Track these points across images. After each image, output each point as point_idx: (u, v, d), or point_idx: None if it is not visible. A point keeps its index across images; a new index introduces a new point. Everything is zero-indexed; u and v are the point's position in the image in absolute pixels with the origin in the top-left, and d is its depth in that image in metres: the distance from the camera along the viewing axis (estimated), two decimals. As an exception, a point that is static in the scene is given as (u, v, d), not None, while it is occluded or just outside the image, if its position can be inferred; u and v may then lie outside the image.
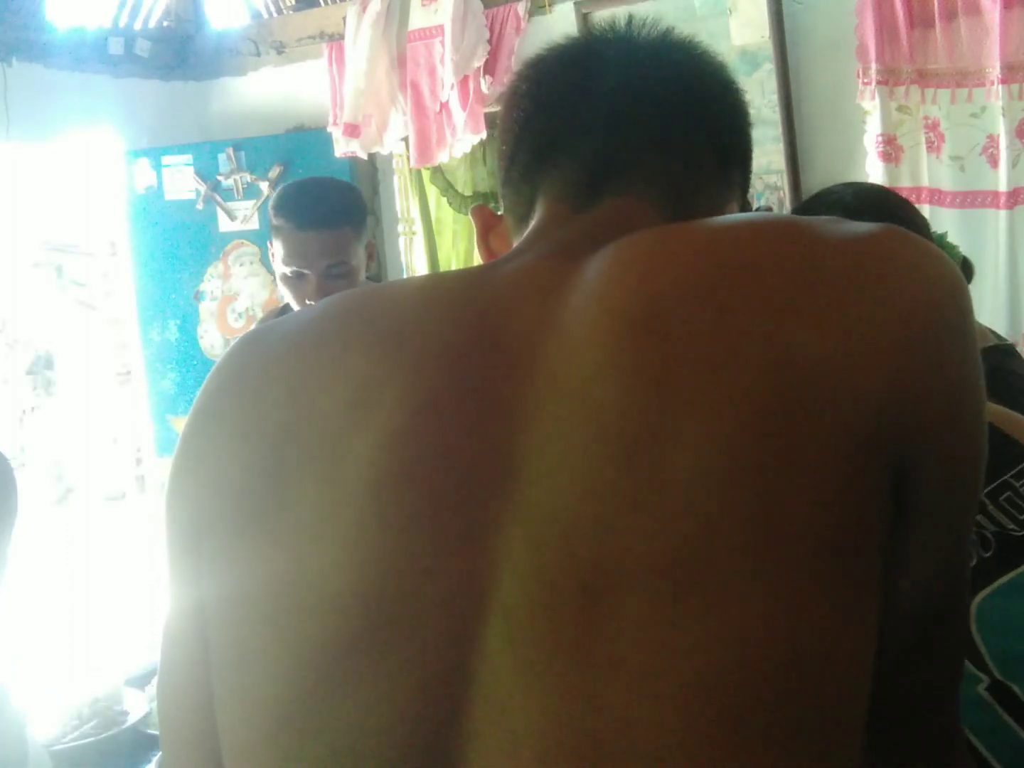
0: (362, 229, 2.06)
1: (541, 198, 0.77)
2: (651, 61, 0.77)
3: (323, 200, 2.03)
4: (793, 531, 0.56)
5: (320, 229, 1.99)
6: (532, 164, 0.78)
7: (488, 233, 0.84)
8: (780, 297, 0.60)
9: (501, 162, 0.81)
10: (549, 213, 0.76)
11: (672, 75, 0.77)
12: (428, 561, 0.60)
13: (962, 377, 0.61)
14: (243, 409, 0.69)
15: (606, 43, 0.79)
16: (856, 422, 0.57)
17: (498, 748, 0.56)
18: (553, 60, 0.80)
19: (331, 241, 1.99)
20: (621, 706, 0.54)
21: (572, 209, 0.75)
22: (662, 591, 0.55)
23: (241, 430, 0.68)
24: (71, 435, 5.59)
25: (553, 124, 0.77)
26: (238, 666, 0.65)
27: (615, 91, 0.76)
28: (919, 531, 0.62)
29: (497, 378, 0.63)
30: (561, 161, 0.76)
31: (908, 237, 0.64)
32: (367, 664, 0.59)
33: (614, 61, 0.78)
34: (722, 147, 0.79)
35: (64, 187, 5.23)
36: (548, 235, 0.74)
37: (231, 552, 0.67)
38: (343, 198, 2.07)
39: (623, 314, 0.61)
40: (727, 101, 0.80)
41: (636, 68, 0.77)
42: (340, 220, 2.01)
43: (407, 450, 0.62)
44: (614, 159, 0.75)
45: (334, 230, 1.99)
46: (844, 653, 0.57)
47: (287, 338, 0.71)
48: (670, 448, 0.57)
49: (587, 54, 0.79)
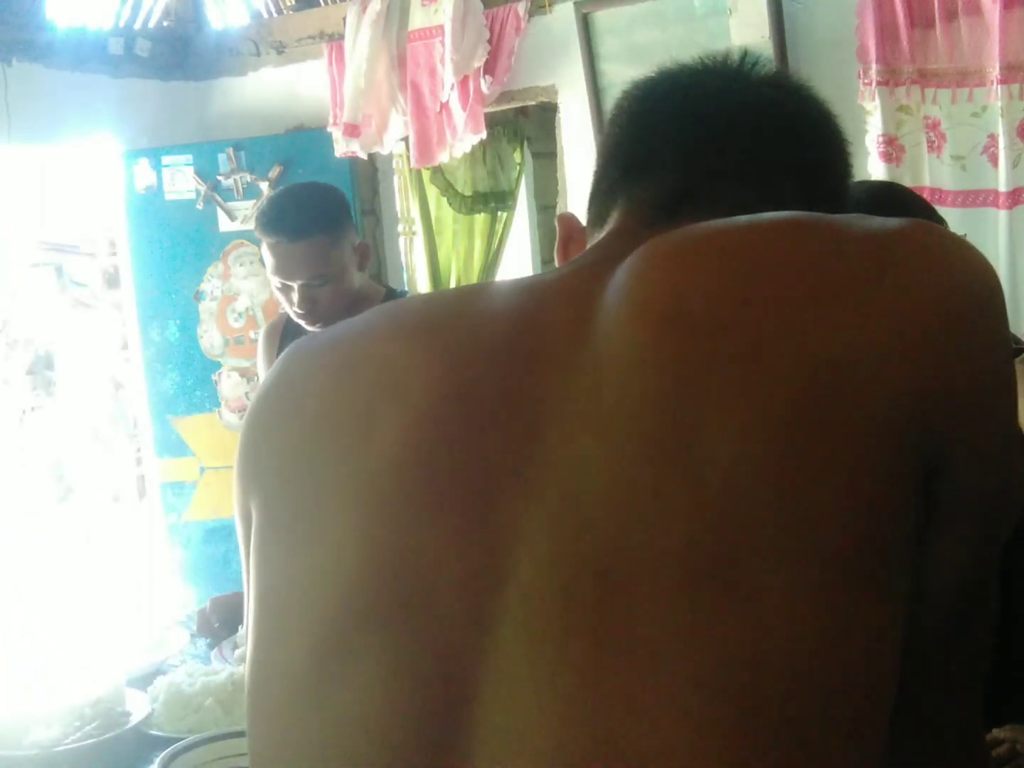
0: (341, 234, 2.03)
1: (616, 212, 0.79)
2: (750, 98, 0.79)
3: (293, 212, 2.01)
4: (820, 524, 0.56)
5: (294, 242, 1.97)
6: (618, 181, 0.80)
7: (569, 242, 0.85)
8: (807, 291, 0.60)
9: (594, 175, 0.83)
10: (619, 227, 0.78)
11: (766, 113, 0.78)
12: (447, 542, 0.61)
13: (994, 368, 0.61)
14: (284, 399, 0.74)
15: (713, 73, 0.81)
16: (886, 414, 0.57)
17: (510, 729, 0.56)
18: (658, 83, 0.82)
19: (306, 253, 1.97)
20: (635, 691, 0.55)
21: (641, 226, 0.76)
22: (681, 580, 0.56)
23: (280, 417, 0.73)
24: (71, 435, 5.59)
25: (643, 146, 0.80)
26: (259, 637, 0.68)
27: (705, 119, 0.78)
28: (949, 525, 0.62)
29: (526, 373, 0.64)
30: (643, 179, 0.78)
31: (936, 230, 0.64)
32: (378, 643, 0.61)
33: (714, 92, 0.79)
34: (810, 188, 0.79)
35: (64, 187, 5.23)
36: (608, 246, 0.76)
37: (263, 529, 0.70)
38: (316, 207, 2.04)
39: (650, 310, 0.62)
40: (824, 146, 0.81)
41: (732, 102, 0.79)
42: (312, 231, 1.98)
43: (432, 433, 0.64)
44: (690, 187, 0.77)
45: (306, 241, 1.97)
46: (870, 648, 0.57)
47: (333, 335, 0.76)
48: (694, 441, 0.58)
49: (691, 82, 0.81)
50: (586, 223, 0.84)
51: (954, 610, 0.65)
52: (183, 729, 1.62)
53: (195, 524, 3.91)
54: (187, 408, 3.94)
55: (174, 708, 1.66)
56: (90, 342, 5.53)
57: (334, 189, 2.16)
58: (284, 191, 2.21)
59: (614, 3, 3.17)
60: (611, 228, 0.79)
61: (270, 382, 0.76)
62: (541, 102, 3.58)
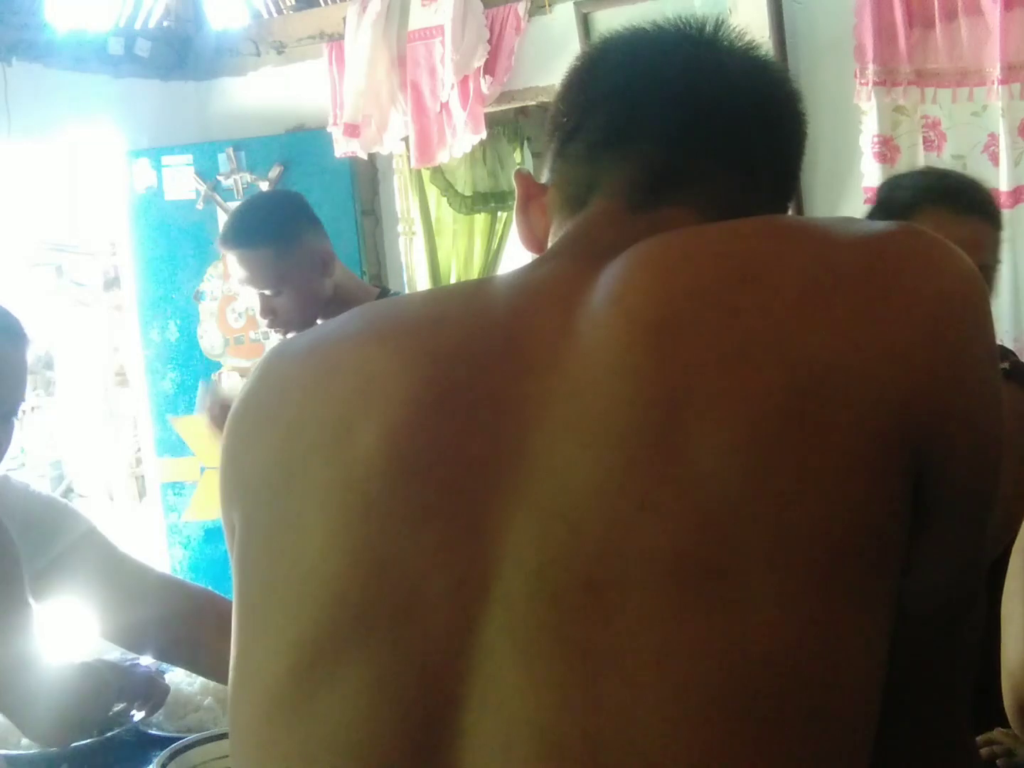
0: (290, 244, 1.97)
1: (599, 189, 0.75)
2: (739, 75, 0.76)
3: (239, 223, 1.99)
4: (806, 533, 0.56)
5: (237, 252, 1.96)
6: (598, 146, 0.75)
7: (529, 203, 0.80)
8: (794, 298, 0.60)
9: (557, 131, 0.78)
10: (602, 209, 0.74)
11: (752, 92, 0.76)
12: (432, 550, 0.60)
13: (980, 375, 0.61)
14: (263, 405, 0.72)
15: (697, 43, 0.77)
16: (873, 422, 0.57)
17: (494, 740, 0.56)
18: (646, 43, 0.77)
19: (250, 264, 1.96)
20: (619, 701, 0.54)
21: (626, 210, 0.73)
22: (667, 590, 0.55)
23: (260, 426, 0.71)
24: (71, 435, 5.59)
25: (630, 113, 0.75)
26: (241, 647, 0.67)
27: (697, 95, 0.75)
28: (937, 530, 0.61)
29: (512, 376, 0.63)
30: (629, 155, 0.74)
31: (924, 235, 0.64)
32: (365, 649, 0.60)
33: (704, 64, 0.76)
34: (782, 171, 0.78)
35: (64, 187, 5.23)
36: (591, 236, 0.73)
37: (244, 539, 0.69)
38: (261, 218, 2.00)
39: (637, 316, 0.61)
40: (794, 128, 0.79)
41: (724, 77, 0.75)
42: (253, 242, 1.95)
43: (416, 440, 0.63)
44: (679, 167, 0.74)
45: (249, 252, 1.95)
46: (855, 657, 0.56)
47: (313, 339, 0.74)
48: (681, 449, 0.57)
49: (677, 48, 0.77)
50: (550, 183, 0.79)
51: (942, 613, 0.65)
52: (182, 729, 1.62)
53: (195, 524, 3.91)
54: (187, 408, 3.93)
55: (173, 708, 1.66)
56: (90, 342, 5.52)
57: (292, 198, 2.13)
58: (245, 202, 2.20)
59: (614, 3, 3.18)
60: (593, 210, 0.75)
61: (249, 389, 0.74)
62: (541, 102, 3.58)
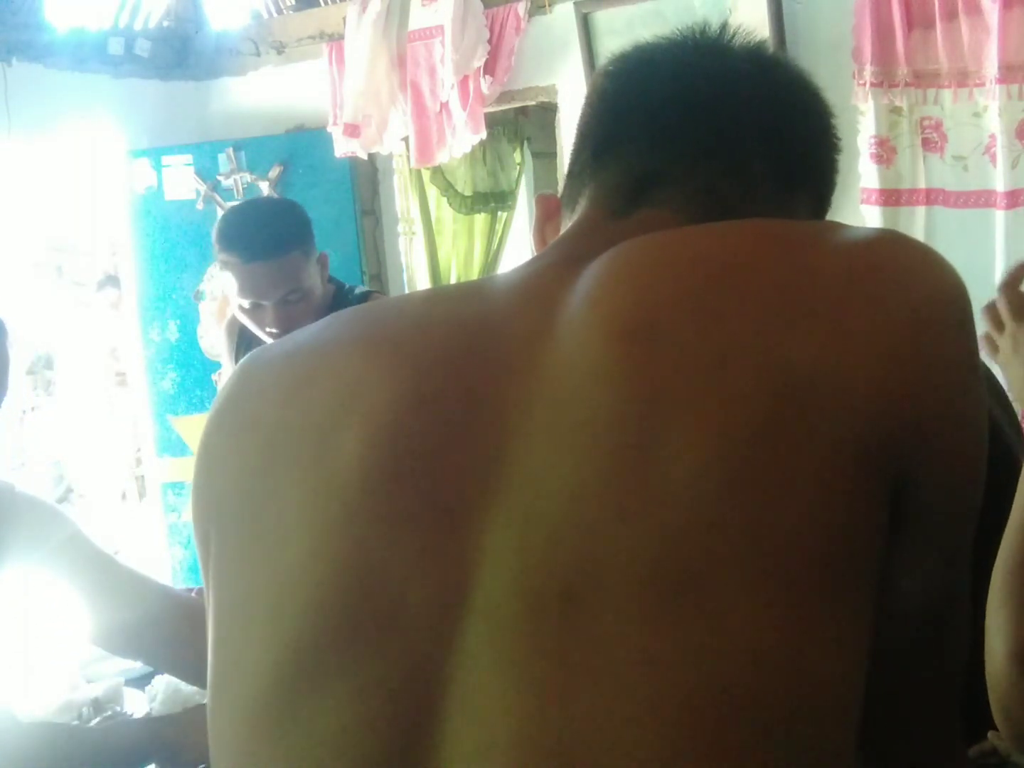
0: (310, 248, 1.99)
1: (584, 199, 0.77)
2: (723, 74, 0.75)
3: (265, 229, 1.95)
4: (784, 542, 0.55)
5: (268, 260, 1.92)
6: (588, 162, 0.78)
7: (546, 223, 0.82)
8: (774, 304, 0.59)
9: (570, 155, 0.81)
10: (586, 216, 0.76)
11: (737, 89, 0.75)
12: (413, 558, 0.60)
13: (962, 383, 0.60)
14: (240, 413, 0.71)
15: (690, 49, 0.77)
16: (853, 429, 0.56)
17: (473, 748, 0.56)
18: (633, 59, 0.79)
19: (281, 270, 1.93)
20: (596, 709, 0.54)
21: (608, 215, 0.74)
22: (645, 600, 0.55)
23: (236, 435, 0.70)
24: (71, 435, 5.59)
25: (613, 127, 0.77)
26: (220, 659, 0.66)
27: (674, 98, 0.75)
28: (919, 537, 0.61)
29: (490, 383, 0.63)
30: (610, 164, 0.76)
31: (907, 242, 0.63)
32: (345, 660, 0.59)
33: (686, 69, 0.76)
34: (787, 169, 0.76)
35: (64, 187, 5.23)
36: (574, 241, 0.74)
37: (222, 550, 0.68)
38: (286, 222, 1.99)
39: (615, 321, 0.61)
40: (803, 123, 0.77)
41: (702, 79, 0.75)
42: (287, 247, 1.93)
43: (395, 447, 0.62)
44: (657, 170, 0.74)
45: (282, 258, 1.93)
46: (833, 664, 0.56)
47: (290, 346, 0.73)
48: (659, 456, 0.56)
49: (665, 59, 0.77)
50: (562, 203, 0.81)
51: (929, 617, 0.65)
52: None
53: (195, 524, 3.91)
54: (187, 408, 3.94)
55: (172, 707, 1.66)
56: (90, 342, 5.53)
57: (295, 203, 2.12)
58: (247, 207, 2.17)
59: (614, 3, 3.17)
60: (577, 218, 0.76)
61: (224, 398, 0.73)
62: (541, 102, 3.58)
